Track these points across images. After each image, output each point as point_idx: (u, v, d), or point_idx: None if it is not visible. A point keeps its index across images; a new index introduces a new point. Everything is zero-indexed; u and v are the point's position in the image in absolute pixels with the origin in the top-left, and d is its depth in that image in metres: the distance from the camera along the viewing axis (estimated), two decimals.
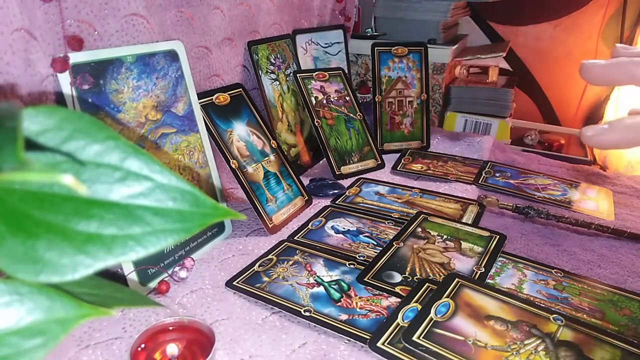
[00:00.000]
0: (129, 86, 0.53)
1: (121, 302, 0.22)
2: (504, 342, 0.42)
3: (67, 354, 0.42)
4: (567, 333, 0.44)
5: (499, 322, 0.45)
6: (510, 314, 0.46)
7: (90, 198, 0.18)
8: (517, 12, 1.30)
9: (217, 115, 0.64)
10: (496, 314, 0.46)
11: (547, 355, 0.41)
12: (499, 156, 0.94)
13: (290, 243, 0.61)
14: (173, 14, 0.64)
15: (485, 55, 1.17)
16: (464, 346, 0.42)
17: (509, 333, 0.43)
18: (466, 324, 0.44)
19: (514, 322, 0.45)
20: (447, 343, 0.42)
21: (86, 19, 0.51)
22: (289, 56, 0.87)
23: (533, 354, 0.41)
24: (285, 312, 0.48)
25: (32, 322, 0.18)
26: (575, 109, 1.33)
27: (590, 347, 0.42)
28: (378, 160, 0.86)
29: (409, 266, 0.55)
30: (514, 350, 0.41)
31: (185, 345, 0.42)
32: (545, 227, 0.68)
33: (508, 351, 0.41)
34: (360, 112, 0.87)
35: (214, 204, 0.19)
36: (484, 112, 1.14)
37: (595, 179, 0.85)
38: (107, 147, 0.19)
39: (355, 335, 0.45)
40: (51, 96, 0.49)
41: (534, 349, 0.42)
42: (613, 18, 1.22)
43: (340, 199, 0.73)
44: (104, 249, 0.17)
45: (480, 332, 0.43)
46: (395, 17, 1.15)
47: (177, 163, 0.58)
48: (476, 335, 0.43)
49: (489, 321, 0.45)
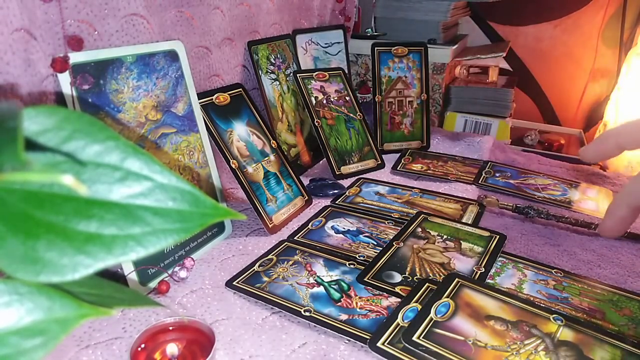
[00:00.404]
0: (129, 86, 0.53)
1: (121, 302, 0.22)
2: (504, 342, 0.42)
3: (67, 354, 0.42)
4: (567, 333, 0.44)
5: (499, 322, 0.45)
6: (510, 314, 0.46)
7: (90, 198, 0.18)
8: (517, 12, 1.30)
9: (217, 115, 0.64)
10: (496, 314, 0.46)
11: (547, 355, 0.41)
12: (499, 156, 0.94)
13: (290, 243, 0.61)
14: (173, 14, 0.64)
15: (485, 55, 1.17)
16: (464, 346, 0.42)
17: (509, 333, 0.43)
18: (466, 324, 0.44)
19: (514, 322, 0.45)
20: (447, 343, 0.42)
21: (86, 19, 0.51)
22: (289, 56, 0.87)
23: (533, 353, 0.41)
24: (285, 312, 0.48)
25: (32, 322, 0.18)
26: (575, 109, 1.33)
27: (590, 347, 0.42)
28: (378, 160, 0.86)
29: (409, 266, 0.55)
30: (514, 350, 0.42)
31: (185, 345, 0.42)
32: (545, 227, 0.68)
33: (508, 351, 0.41)
34: (360, 112, 0.87)
35: (214, 204, 0.19)
36: (484, 112, 1.14)
37: (595, 179, 0.85)
38: (107, 147, 0.19)
39: (355, 335, 0.45)
40: (51, 96, 0.49)
41: (534, 349, 0.42)
42: (613, 18, 1.22)
43: (340, 199, 0.73)
44: (104, 249, 0.18)
45: (480, 332, 0.43)
46: (395, 17, 1.15)
47: (177, 163, 0.58)
48: (476, 335, 0.43)
49: (489, 321, 0.45)
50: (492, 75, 1.20)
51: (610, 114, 1.15)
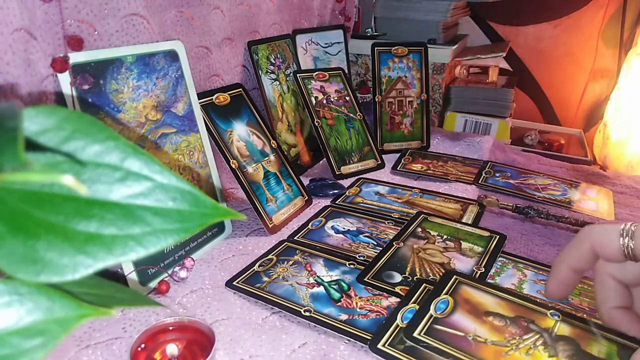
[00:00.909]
0: (129, 86, 0.53)
1: (121, 302, 0.22)
2: (503, 337, 0.43)
3: (67, 354, 0.42)
4: (564, 328, 0.44)
5: (497, 318, 0.45)
6: (508, 310, 0.46)
7: (90, 198, 0.18)
8: (517, 12, 1.30)
9: (217, 115, 0.64)
10: (494, 310, 0.46)
11: (545, 350, 0.41)
12: (499, 156, 0.94)
13: (290, 243, 0.61)
14: (173, 14, 0.64)
15: (485, 55, 1.17)
16: (464, 341, 0.42)
17: (507, 328, 0.44)
18: (466, 320, 0.44)
19: (512, 318, 0.45)
20: (448, 339, 0.42)
21: (86, 19, 0.51)
22: (289, 56, 0.87)
23: (532, 348, 0.42)
24: (285, 312, 0.48)
25: (32, 322, 0.18)
26: (575, 109, 1.33)
27: (587, 342, 0.42)
28: (378, 160, 0.86)
29: (409, 266, 0.55)
30: (513, 345, 0.42)
31: (185, 345, 0.42)
32: (545, 227, 0.68)
33: (508, 346, 0.42)
34: (360, 112, 0.87)
35: (213, 204, 0.19)
36: (484, 112, 1.14)
37: (595, 179, 0.85)
38: (107, 147, 0.19)
39: (355, 335, 0.45)
40: (51, 96, 0.49)
41: (533, 344, 0.42)
42: (613, 18, 1.22)
43: (340, 199, 0.73)
44: (104, 249, 0.18)
45: (480, 327, 0.44)
46: (395, 17, 1.15)
47: (177, 163, 0.58)
48: (476, 331, 0.43)
49: (487, 317, 0.45)
50: (492, 75, 1.20)
51: (610, 114, 1.16)
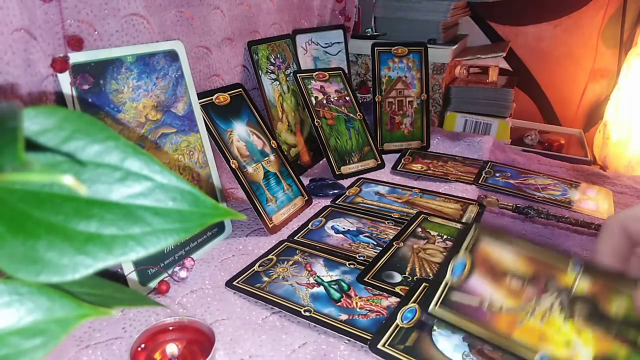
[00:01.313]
0: (129, 86, 0.53)
1: (121, 302, 0.22)
2: (518, 303, 0.42)
3: (67, 354, 0.42)
4: (584, 284, 0.42)
5: (515, 279, 0.44)
6: (528, 267, 0.44)
7: (90, 198, 0.18)
8: (517, 12, 1.30)
9: (217, 115, 0.64)
10: (513, 269, 0.44)
11: (562, 312, 0.41)
12: (499, 156, 0.94)
13: (290, 243, 0.61)
14: (173, 14, 0.64)
15: (485, 55, 1.17)
16: (478, 312, 0.42)
17: (524, 291, 0.43)
18: (482, 284, 0.44)
19: (530, 278, 0.43)
20: (462, 310, 0.42)
21: (86, 19, 0.51)
22: (289, 56, 0.87)
23: (548, 312, 0.41)
24: (285, 312, 0.48)
25: (32, 322, 0.18)
26: (575, 109, 1.33)
27: (606, 298, 0.41)
28: (378, 160, 0.86)
29: (409, 266, 0.55)
30: (528, 311, 0.41)
31: (185, 345, 0.42)
32: (545, 227, 0.68)
33: (522, 312, 0.41)
34: (360, 112, 0.87)
35: (213, 204, 0.19)
36: (484, 112, 1.14)
37: (595, 179, 0.85)
38: (107, 147, 0.19)
39: (355, 335, 0.45)
40: (51, 96, 0.49)
41: (550, 307, 0.41)
42: (613, 18, 1.22)
43: (340, 199, 0.73)
44: (104, 249, 0.18)
45: (496, 292, 0.43)
46: (395, 17, 1.15)
47: (177, 163, 0.58)
48: (492, 297, 0.43)
49: (505, 278, 0.44)
50: (492, 75, 1.20)
51: (610, 114, 1.15)
